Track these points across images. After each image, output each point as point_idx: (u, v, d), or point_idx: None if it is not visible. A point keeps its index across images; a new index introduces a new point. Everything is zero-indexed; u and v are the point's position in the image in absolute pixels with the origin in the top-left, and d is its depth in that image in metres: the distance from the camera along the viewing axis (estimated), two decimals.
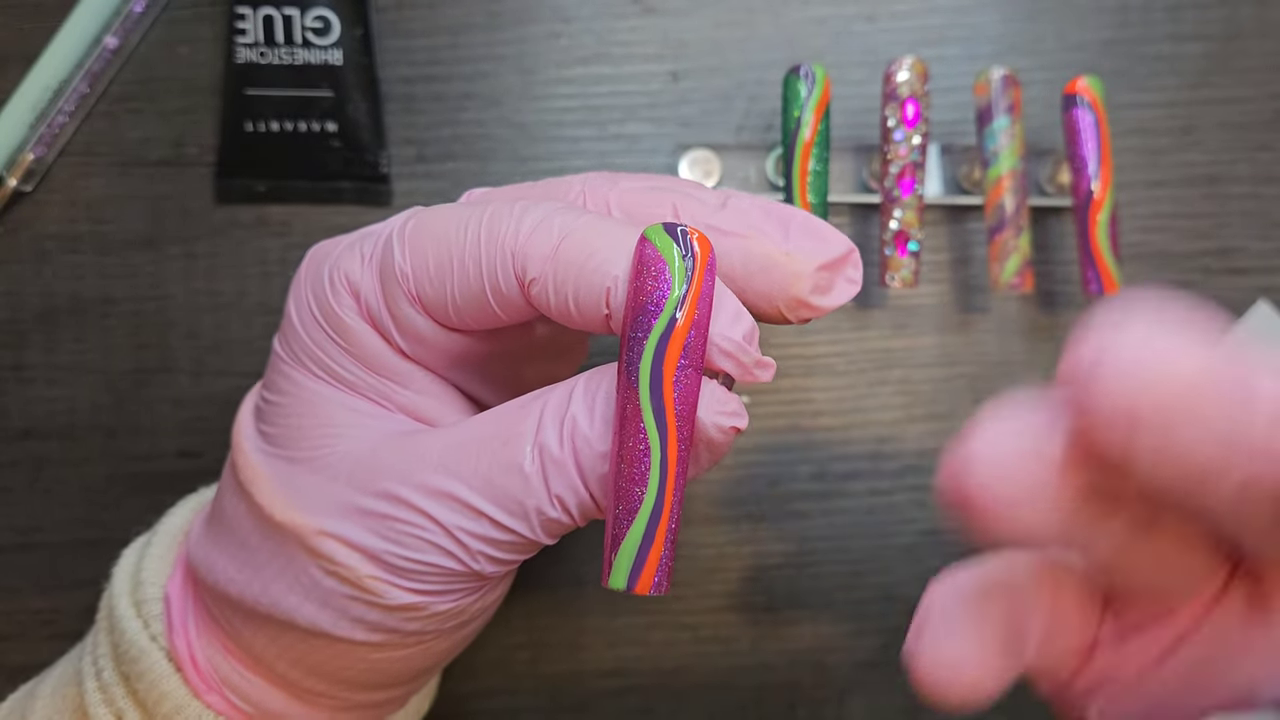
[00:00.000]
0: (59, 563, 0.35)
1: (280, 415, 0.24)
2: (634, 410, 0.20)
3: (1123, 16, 0.36)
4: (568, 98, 0.35)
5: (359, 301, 0.23)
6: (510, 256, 0.22)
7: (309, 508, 0.23)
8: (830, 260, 0.23)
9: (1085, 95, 0.32)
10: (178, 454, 0.35)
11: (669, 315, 0.20)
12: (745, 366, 0.21)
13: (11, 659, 0.34)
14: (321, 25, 0.34)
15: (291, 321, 0.25)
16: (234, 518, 0.25)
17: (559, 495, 0.22)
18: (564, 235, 0.21)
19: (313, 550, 0.23)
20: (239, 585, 0.24)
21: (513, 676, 0.35)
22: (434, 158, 0.35)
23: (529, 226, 0.22)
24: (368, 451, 0.23)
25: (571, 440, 0.21)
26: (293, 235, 0.35)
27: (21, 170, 0.34)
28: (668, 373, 0.20)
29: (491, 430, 0.22)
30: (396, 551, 0.22)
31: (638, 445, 0.20)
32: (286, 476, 0.24)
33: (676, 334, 0.20)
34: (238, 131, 0.35)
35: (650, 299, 0.20)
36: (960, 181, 0.35)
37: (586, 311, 0.21)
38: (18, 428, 0.35)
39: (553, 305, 0.22)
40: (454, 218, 0.23)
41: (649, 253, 0.20)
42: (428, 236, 0.23)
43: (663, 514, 0.20)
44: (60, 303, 0.35)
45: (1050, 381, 0.35)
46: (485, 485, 0.22)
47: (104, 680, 0.26)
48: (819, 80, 0.31)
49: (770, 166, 0.35)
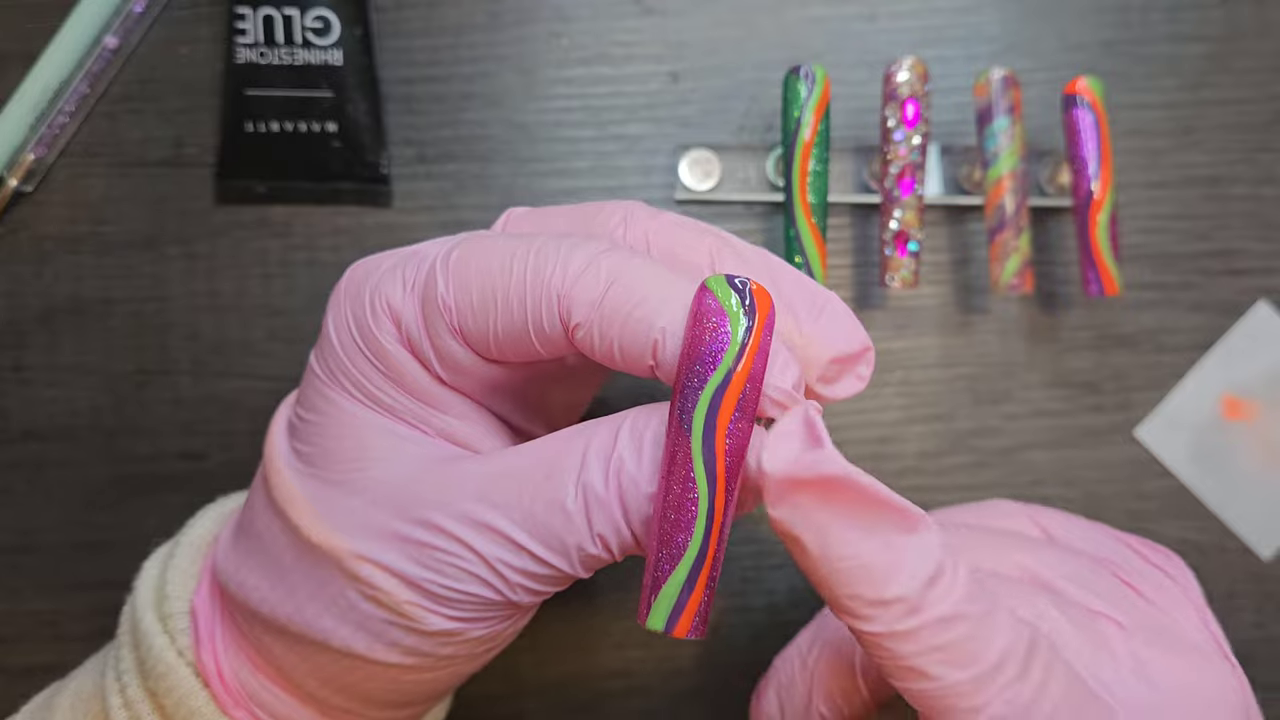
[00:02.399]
0: (59, 564, 0.35)
1: (316, 435, 0.24)
2: (684, 458, 0.20)
3: (1123, 17, 0.36)
4: (568, 98, 0.35)
5: (400, 329, 0.23)
6: (556, 299, 0.21)
7: (347, 531, 0.23)
8: (845, 355, 0.23)
9: (1085, 96, 0.32)
10: (178, 455, 0.35)
11: (727, 368, 0.20)
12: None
13: (12, 660, 0.34)
14: (321, 25, 0.34)
15: (330, 341, 0.24)
16: (267, 536, 0.24)
17: (601, 534, 0.21)
18: (611, 281, 0.21)
19: (351, 574, 0.23)
20: (271, 604, 0.24)
21: (518, 679, 0.35)
22: (434, 158, 0.35)
23: (576, 269, 0.21)
24: (408, 477, 0.23)
25: (618, 480, 0.21)
26: (293, 236, 0.35)
27: (22, 171, 0.34)
28: (721, 424, 0.20)
29: (533, 463, 0.22)
30: (436, 580, 0.22)
31: (687, 493, 0.20)
32: (323, 497, 0.23)
33: (733, 387, 0.20)
34: (238, 132, 0.34)
35: (708, 350, 0.20)
36: (960, 182, 0.35)
37: (631, 360, 0.21)
38: (18, 429, 0.35)
39: (598, 351, 0.22)
40: (500, 252, 0.22)
41: (710, 304, 0.20)
42: (473, 271, 0.22)
43: (706, 561, 0.20)
44: (60, 303, 0.35)
45: (1047, 382, 0.35)
46: (526, 519, 0.22)
47: (129, 697, 0.26)
48: (819, 80, 0.31)
49: (770, 166, 0.35)
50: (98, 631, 0.34)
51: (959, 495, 0.35)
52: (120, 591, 0.28)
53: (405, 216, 0.35)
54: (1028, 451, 0.35)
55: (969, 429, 0.35)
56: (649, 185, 0.35)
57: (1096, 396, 0.35)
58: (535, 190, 0.35)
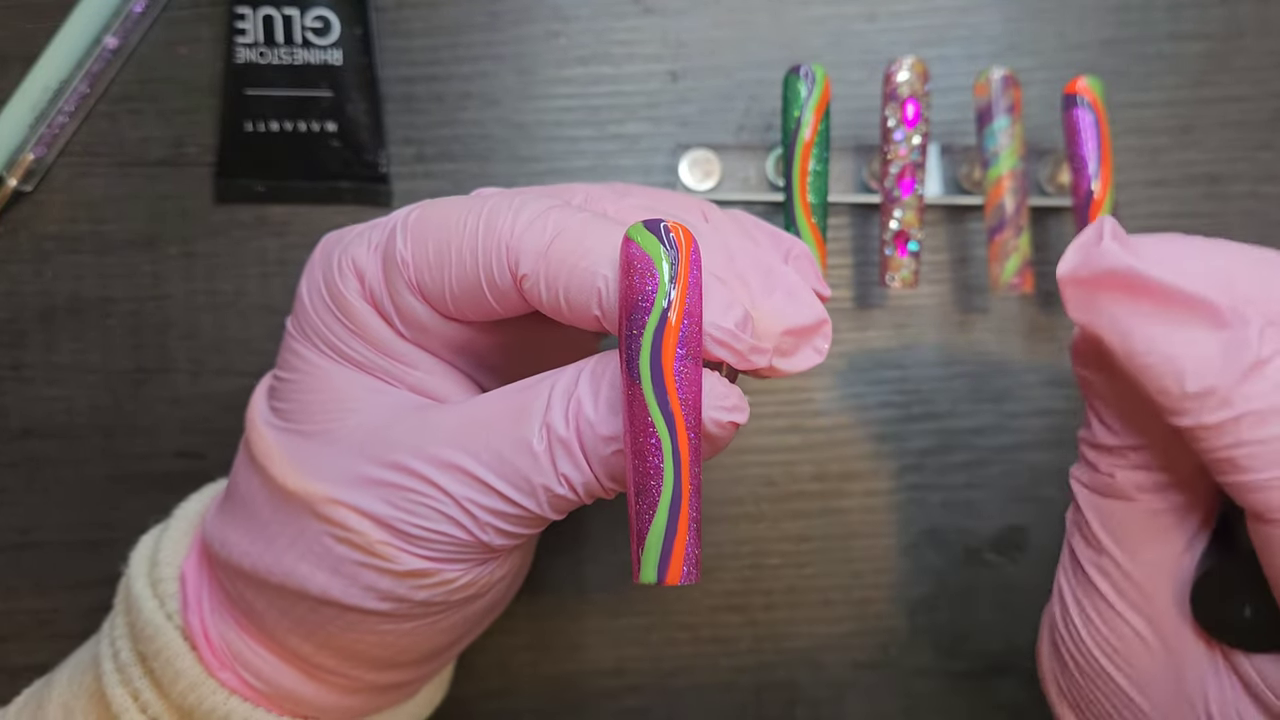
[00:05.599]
0: (58, 563, 0.35)
1: (293, 391, 0.25)
2: (640, 406, 0.20)
3: (1123, 16, 0.36)
4: (567, 98, 0.35)
5: (363, 285, 0.24)
6: (505, 250, 0.22)
7: (321, 477, 0.24)
8: (798, 327, 0.23)
9: (1085, 95, 0.32)
10: (176, 454, 0.35)
11: (660, 308, 0.20)
12: (741, 354, 0.21)
13: (10, 659, 0.34)
14: (321, 25, 0.34)
15: (303, 302, 0.25)
16: (247, 493, 0.25)
17: (565, 474, 0.22)
18: (557, 232, 0.22)
19: (324, 517, 0.23)
20: (252, 558, 0.25)
21: (513, 677, 0.35)
22: (433, 157, 0.35)
23: (525, 221, 0.22)
24: (380, 424, 0.24)
25: (576, 422, 0.22)
26: (292, 235, 0.35)
27: (21, 170, 0.34)
28: (667, 365, 0.20)
29: (502, 407, 0.23)
30: (407, 519, 0.23)
31: (648, 440, 0.20)
32: (299, 449, 0.24)
33: (670, 326, 0.20)
34: (237, 131, 0.35)
35: (641, 295, 0.20)
36: (960, 181, 0.35)
37: (577, 310, 0.22)
38: (17, 427, 0.35)
39: (545, 301, 0.22)
40: (456, 209, 0.23)
41: (634, 251, 0.20)
42: (430, 226, 0.23)
43: (682, 504, 0.20)
44: (60, 302, 0.35)
45: (1052, 380, 0.35)
46: (495, 461, 0.22)
47: (121, 661, 0.26)
48: (819, 80, 0.31)
49: (770, 166, 0.35)
50: (95, 629, 0.34)
51: (958, 494, 0.35)
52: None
53: None
54: (1028, 451, 0.35)
55: (969, 428, 0.35)
56: (649, 185, 0.35)
57: None
58: None
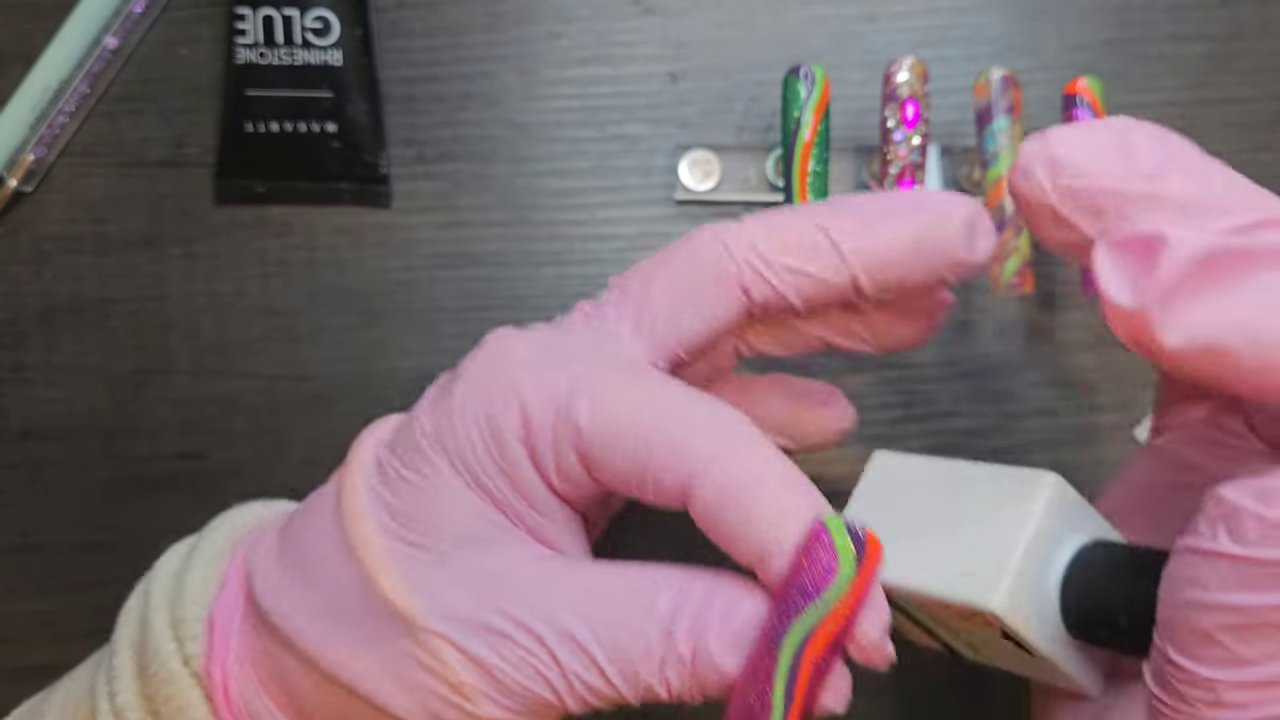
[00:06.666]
0: (58, 564, 0.35)
1: (412, 494, 0.24)
2: (766, 675, 0.21)
3: (1123, 17, 0.36)
4: (568, 98, 0.35)
5: (527, 430, 0.23)
6: (688, 476, 0.22)
7: (429, 603, 0.23)
8: (971, 216, 0.25)
9: (1085, 96, 0.32)
10: (177, 455, 0.35)
11: (827, 607, 0.21)
12: (875, 661, 0.22)
13: (9, 661, 0.34)
14: (321, 26, 0.34)
15: (454, 410, 0.24)
16: (329, 573, 0.24)
17: (669, 679, 0.22)
18: (736, 476, 0.22)
19: (420, 642, 0.23)
20: (318, 645, 0.24)
21: None
22: (434, 158, 0.35)
23: (708, 452, 0.22)
24: (502, 569, 0.23)
25: (694, 643, 0.22)
26: (293, 236, 0.35)
27: (21, 171, 0.34)
28: (807, 657, 0.21)
29: (627, 592, 0.23)
30: (507, 672, 0.23)
31: (762, 704, 0.21)
32: (407, 559, 0.24)
33: (825, 626, 0.21)
34: (237, 132, 0.35)
35: (811, 583, 0.21)
36: (960, 182, 0.35)
37: (740, 552, 0.22)
38: (17, 429, 0.35)
39: (706, 528, 0.23)
40: (646, 401, 0.23)
41: (824, 541, 0.21)
42: (618, 411, 0.23)
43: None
44: (60, 303, 0.35)
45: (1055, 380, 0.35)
46: (611, 645, 0.22)
47: (118, 704, 0.25)
48: (818, 81, 0.31)
49: (770, 167, 0.35)
50: (96, 631, 0.34)
51: None
52: (119, 591, 0.27)
53: (405, 216, 0.35)
54: (1028, 452, 0.35)
55: (969, 428, 0.35)
56: (649, 185, 0.35)
57: (1096, 396, 0.35)
58: (535, 190, 0.35)
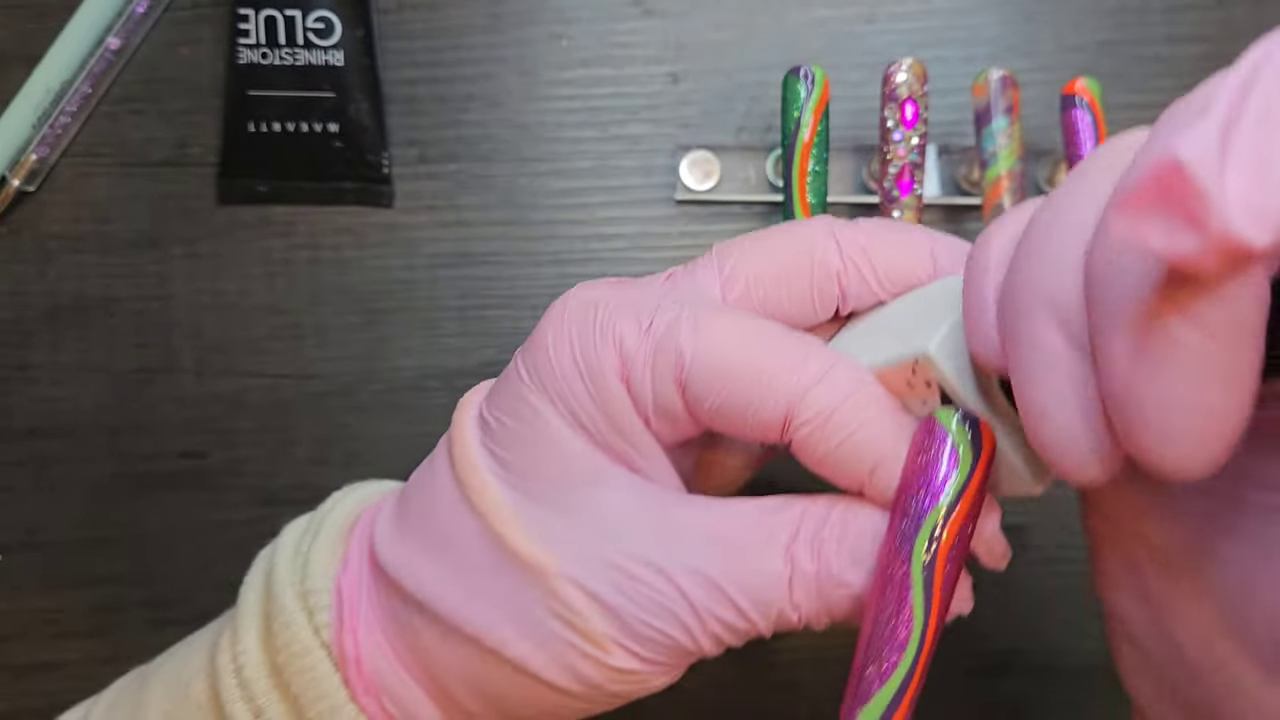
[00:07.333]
0: (63, 562, 0.35)
1: (516, 443, 0.24)
2: (902, 582, 0.21)
3: (1120, 18, 0.36)
4: (569, 99, 0.36)
5: (624, 365, 0.23)
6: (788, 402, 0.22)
7: (557, 551, 0.23)
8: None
9: (1083, 96, 0.32)
10: (181, 453, 0.35)
11: (951, 501, 0.21)
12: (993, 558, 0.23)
13: (15, 658, 0.35)
14: (323, 26, 0.35)
15: (547, 353, 0.24)
16: (455, 533, 0.24)
17: (799, 603, 0.23)
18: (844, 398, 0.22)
19: (551, 592, 0.23)
20: (448, 602, 0.24)
21: None
22: (436, 158, 0.35)
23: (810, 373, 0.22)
24: (620, 510, 0.23)
25: (818, 560, 0.22)
26: (295, 235, 0.35)
27: (25, 170, 0.34)
28: (941, 556, 0.21)
29: (750, 526, 0.23)
30: (638, 615, 0.23)
31: (902, 615, 0.21)
32: (532, 513, 0.24)
33: (954, 521, 0.21)
34: (240, 132, 0.35)
35: (933, 480, 0.21)
36: (959, 182, 0.35)
37: (841, 473, 0.23)
38: (22, 427, 0.35)
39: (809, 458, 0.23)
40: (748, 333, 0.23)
41: (939, 434, 0.21)
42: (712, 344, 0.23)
43: (913, 681, 0.21)
44: (64, 302, 0.35)
45: None
46: (739, 575, 0.23)
47: (245, 677, 0.25)
48: (818, 81, 0.31)
49: (770, 167, 0.35)
50: (99, 629, 0.34)
51: None
52: (123, 588, 0.28)
53: (407, 216, 0.35)
54: None
55: None
56: (649, 185, 0.35)
57: None
58: (536, 190, 0.35)
